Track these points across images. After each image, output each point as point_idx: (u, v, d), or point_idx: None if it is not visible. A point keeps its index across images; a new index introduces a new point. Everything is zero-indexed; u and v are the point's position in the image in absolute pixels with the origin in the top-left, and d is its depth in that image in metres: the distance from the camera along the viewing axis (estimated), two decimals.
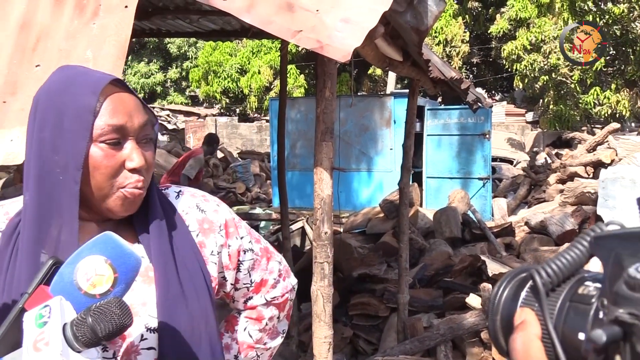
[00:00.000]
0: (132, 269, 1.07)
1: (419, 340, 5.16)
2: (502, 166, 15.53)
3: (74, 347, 0.98)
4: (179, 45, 31.96)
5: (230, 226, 1.43)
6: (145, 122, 1.25)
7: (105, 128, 1.21)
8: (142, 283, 1.26)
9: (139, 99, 1.28)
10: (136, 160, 1.23)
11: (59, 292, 1.04)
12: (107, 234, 1.09)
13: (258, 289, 1.52)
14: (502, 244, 7.60)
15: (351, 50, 2.37)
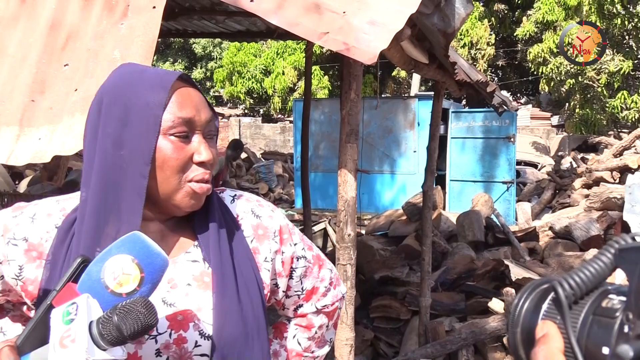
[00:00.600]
0: (159, 269, 1.07)
1: (441, 344, 5.13)
2: (527, 170, 15.40)
3: (100, 345, 0.99)
4: (204, 46, 32.13)
5: (285, 232, 1.41)
6: (211, 118, 1.26)
7: (175, 120, 1.20)
8: (197, 288, 1.25)
9: (202, 95, 1.28)
10: (204, 154, 1.23)
11: (86, 289, 1.04)
12: (135, 234, 1.09)
13: (309, 296, 1.50)
14: (525, 249, 7.53)
15: (377, 52, 2.36)
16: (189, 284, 1.26)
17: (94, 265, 1.06)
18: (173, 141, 1.21)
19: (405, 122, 12.18)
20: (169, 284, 1.25)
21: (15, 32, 2.66)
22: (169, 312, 1.23)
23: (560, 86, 18.11)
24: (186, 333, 1.22)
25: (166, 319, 1.22)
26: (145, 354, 1.19)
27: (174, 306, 1.23)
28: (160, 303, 1.22)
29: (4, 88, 2.52)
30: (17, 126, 2.42)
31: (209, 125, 1.26)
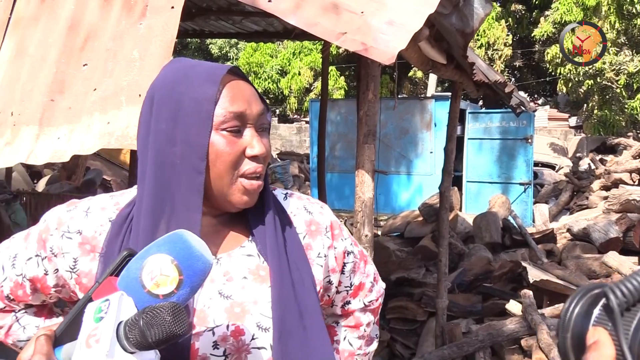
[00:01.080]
0: (199, 273, 1.01)
1: (458, 345, 5.10)
2: (544, 171, 15.30)
3: (126, 347, 0.95)
4: (221, 46, 32.23)
5: (335, 228, 1.41)
6: (262, 111, 1.25)
7: (226, 115, 1.20)
8: (253, 281, 1.25)
9: (254, 87, 1.27)
10: (257, 148, 1.22)
11: (124, 286, 1.01)
12: (179, 232, 1.04)
13: (356, 292, 1.51)
14: (543, 251, 7.48)
15: (396, 52, 2.35)
16: (245, 277, 1.26)
17: (134, 262, 1.02)
18: (225, 136, 1.20)
19: (422, 123, 12.15)
20: (224, 277, 1.25)
21: (35, 32, 2.67)
22: (226, 304, 1.22)
23: (579, 87, 17.98)
24: (243, 325, 1.21)
25: (224, 312, 1.22)
26: (202, 346, 1.19)
27: (230, 298, 1.23)
28: (217, 295, 1.23)
29: (24, 87, 2.54)
30: (36, 126, 2.43)
31: (261, 119, 1.25)
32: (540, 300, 5.68)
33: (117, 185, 10.24)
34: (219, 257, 1.27)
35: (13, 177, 8.79)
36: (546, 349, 4.53)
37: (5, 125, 2.48)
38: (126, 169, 10.53)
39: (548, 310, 5.36)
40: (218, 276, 1.25)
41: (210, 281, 1.23)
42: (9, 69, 2.61)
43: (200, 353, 1.18)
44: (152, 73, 2.37)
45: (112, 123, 2.30)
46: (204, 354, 1.18)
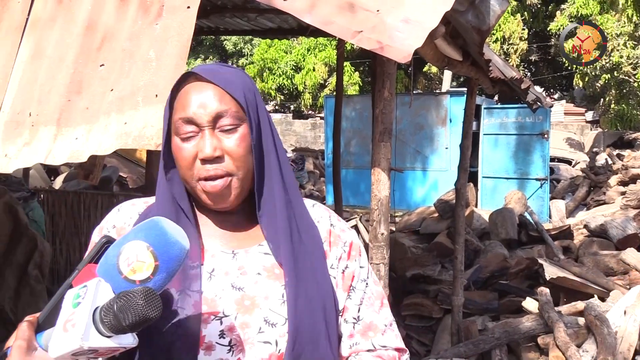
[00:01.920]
0: (175, 259, 1.05)
1: (474, 343, 5.09)
2: (560, 167, 15.18)
3: (102, 332, 0.99)
4: (235, 43, 32.27)
5: (354, 249, 1.40)
6: (220, 112, 1.24)
7: (177, 122, 1.26)
8: (266, 278, 1.28)
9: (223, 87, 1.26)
10: (204, 150, 1.23)
11: (103, 272, 1.04)
12: (155, 220, 1.08)
13: (366, 332, 1.36)
14: (559, 247, 7.42)
15: (412, 51, 2.34)
16: (259, 273, 1.29)
17: (112, 248, 1.06)
18: (177, 141, 1.27)
19: (437, 119, 12.11)
20: (239, 271, 1.29)
21: (53, 33, 2.69)
22: (237, 296, 1.26)
23: (595, 81, 17.84)
24: (251, 318, 1.24)
25: (234, 303, 1.25)
26: (209, 333, 1.22)
27: (242, 290, 1.26)
28: (229, 287, 1.26)
29: (42, 88, 2.56)
30: (54, 126, 2.45)
31: (220, 120, 1.25)
32: (557, 297, 5.65)
33: (133, 182, 10.30)
34: (235, 252, 1.31)
35: (30, 175, 8.87)
36: (563, 347, 4.51)
37: (24, 126, 2.50)
38: (142, 166, 10.59)
39: (565, 308, 5.33)
40: (233, 269, 1.29)
41: (224, 273, 1.28)
42: (27, 70, 2.63)
43: (207, 340, 1.22)
44: (168, 73, 2.38)
45: (129, 123, 2.31)
46: (210, 342, 1.22)
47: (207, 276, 1.27)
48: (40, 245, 6.07)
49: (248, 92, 1.29)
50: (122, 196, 7.86)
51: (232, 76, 1.29)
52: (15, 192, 6.53)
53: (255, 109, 1.29)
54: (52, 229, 7.39)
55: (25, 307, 5.72)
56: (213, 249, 1.31)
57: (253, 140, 1.27)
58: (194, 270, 1.26)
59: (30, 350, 1.03)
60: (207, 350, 1.21)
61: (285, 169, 1.33)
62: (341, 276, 1.37)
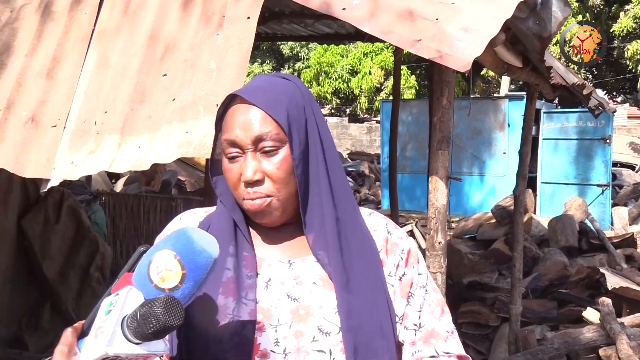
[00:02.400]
0: (201, 267, 1.07)
1: (532, 353, 4.99)
2: (623, 172, 14.76)
3: (130, 339, 1.01)
4: (292, 47, 32.48)
5: (412, 257, 1.41)
6: (261, 135, 1.25)
7: (223, 143, 1.30)
8: (322, 287, 1.30)
9: (265, 109, 1.27)
10: (244, 174, 1.26)
11: (137, 281, 1.08)
12: (183, 229, 1.11)
13: (427, 339, 1.36)
14: (622, 256, 7.22)
15: (471, 60, 2.32)
16: (314, 283, 1.31)
17: (144, 257, 1.09)
18: (225, 162, 1.31)
19: (495, 123, 11.94)
20: (295, 281, 1.31)
21: (117, 43, 2.77)
22: (292, 306, 1.28)
23: None
24: (305, 326, 1.26)
25: (289, 312, 1.27)
26: (263, 341, 1.25)
27: (297, 301, 1.29)
28: (284, 297, 1.29)
29: (107, 97, 2.63)
30: (118, 134, 2.52)
31: (261, 143, 1.26)
32: (620, 308, 5.50)
33: (191, 185, 10.47)
34: (292, 262, 1.33)
35: (93, 178, 9.11)
36: (626, 359, 4.39)
37: (89, 134, 2.58)
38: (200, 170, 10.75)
39: (628, 319, 5.19)
40: (288, 279, 1.31)
41: (280, 283, 1.30)
42: (93, 80, 2.71)
43: (262, 348, 1.24)
44: (228, 83, 2.41)
45: (190, 132, 2.36)
46: (265, 350, 1.24)
47: (263, 285, 1.30)
48: (102, 247, 6.24)
49: (294, 110, 1.29)
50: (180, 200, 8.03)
51: (276, 94, 1.29)
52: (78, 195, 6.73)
53: (303, 126, 1.30)
54: (113, 231, 7.59)
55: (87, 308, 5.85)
56: (270, 259, 1.33)
57: (295, 161, 1.27)
58: (250, 280, 1.29)
59: (70, 355, 1.07)
60: (262, 358, 1.24)
61: (336, 182, 1.33)
62: (398, 283, 1.37)
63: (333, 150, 1.35)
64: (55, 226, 5.81)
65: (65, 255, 5.87)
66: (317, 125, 1.33)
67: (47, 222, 5.73)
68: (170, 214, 7.65)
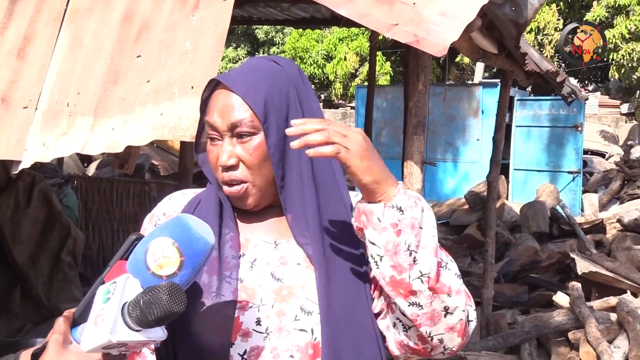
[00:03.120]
0: (199, 254, 1.07)
1: (503, 337, 5.07)
2: (593, 159, 14.95)
3: (131, 326, 1.02)
4: (267, 31, 32.27)
5: None
6: (239, 121, 1.26)
7: (205, 125, 1.32)
8: (305, 268, 1.30)
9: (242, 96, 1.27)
10: (220, 158, 1.28)
11: (132, 268, 1.08)
12: (180, 217, 1.12)
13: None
14: (592, 241, 7.34)
15: (448, 44, 2.32)
16: (299, 264, 1.31)
17: (140, 245, 1.09)
18: (209, 144, 1.32)
19: (469, 110, 12.00)
20: (279, 261, 1.32)
21: (90, 23, 2.72)
22: (275, 286, 1.29)
23: (632, 73, 17.51)
24: (287, 306, 1.27)
25: (272, 292, 1.28)
26: (246, 320, 1.26)
27: (280, 281, 1.30)
28: (269, 276, 1.30)
29: (80, 78, 2.59)
30: (91, 116, 2.48)
31: (238, 128, 1.27)
32: (589, 292, 5.59)
33: (165, 169, 10.39)
34: (277, 242, 1.34)
35: (64, 162, 8.99)
36: (594, 342, 4.47)
37: (62, 116, 2.54)
38: (173, 154, 10.67)
39: (597, 303, 5.28)
40: (274, 260, 1.32)
41: (265, 264, 1.31)
42: (66, 60, 2.67)
43: (244, 327, 1.26)
44: (204, 65, 2.39)
45: (165, 114, 2.33)
46: (247, 329, 1.25)
47: (248, 265, 1.31)
48: (74, 232, 6.17)
49: (275, 97, 1.29)
50: (153, 184, 7.96)
51: (258, 81, 1.29)
52: (49, 179, 6.64)
53: (283, 113, 1.29)
54: (85, 215, 7.50)
55: (58, 293, 5.83)
56: (256, 240, 1.34)
57: (270, 148, 1.27)
58: (235, 259, 1.30)
59: (65, 344, 1.07)
60: (244, 337, 1.25)
61: (320, 169, 1.33)
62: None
63: None
64: (26, 210, 5.72)
65: (36, 240, 5.79)
66: (302, 111, 1.33)
67: (18, 206, 5.65)
68: (144, 198, 7.59)
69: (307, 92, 1.37)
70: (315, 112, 1.35)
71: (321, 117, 1.35)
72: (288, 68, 1.35)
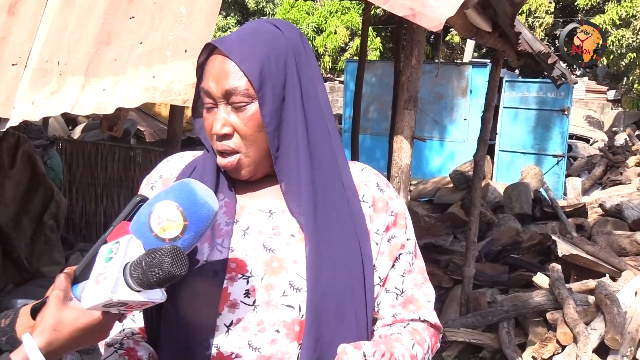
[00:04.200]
0: (203, 219, 1.08)
1: (482, 314, 5.12)
2: (578, 144, 15.04)
3: (132, 286, 1.03)
4: (257, 1, 31.95)
5: (401, 218, 1.38)
6: (233, 88, 1.22)
7: (201, 92, 1.28)
8: (299, 240, 1.27)
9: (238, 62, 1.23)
10: (214, 126, 1.25)
11: (135, 230, 1.09)
12: (185, 181, 1.12)
13: (406, 304, 1.36)
14: (573, 225, 7.40)
15: (444, 20, 2.32)
16: (292, 235, 1.28)
17: (145, 207, 1.10)
18: (205, 111, 1.29)
19: (458, 89, 12.01)
20: (272, 231, 1.29)
21: None
22: (266, 257, 1.26)
23: (620, 60, 17.57)
24: (276, 280, 1.25)
25: (262, 264, 1.26)
26: (234, 291, 1.24)
27: (272, 252, 1.27)
28: (260, 247, 1.27)
29: (71, 37, 2.55)
30: (82, 76, 2.45)
31: (232, 97, 1.24)
32: (568, 274, 5.65)
33: (151, 135, 10.32)
34: (272, 212, 1.31)
35: (50, 123, 8.91)
36: (572, 323, 4.53)
37: (52, 74, 2.51)
38: (160, 120, 10.59)
39: (575, 286, 5.34)
40: (267, 229, 1.29)
41: (258, 232, 1.28)
42: (57, 18, 2.63)
43: (231, 298, 1.23)
44: (198, 29, 2.37)
45: (157, 77, 2.31)
46: (235, 300, 1.23)
47: (240, 234, 1.28)
48: (57, 195, 6.13)
49: (272, 64, 1.24)
50: (139, 149, 7.91)
51: (255, 46, 1.24)
52: (34, 140, 6.57)
53: (280, 82, 1.25)
54: (69, 178, 7.45)
55: (40, 256, 5.81)
56: (251, 207, 1.31)
57: (265, 118, 1.24)
58: (228, 227, 1.27)
59: (66, 300, 1.08)
60: (231, 308, 1.23)
61: (316, 140, 1.29)
62: (387, 244, 1.35)
63: (317, 106, 1.30)
64: (10, 172, 5.67)
65: (19, 202, 5.75)
66: (300, 80, 1.28)
67: (1, 167, 5.60)
68: (128, 163, 7.56)
69: (309, 60, 1.31)
70: (314, 81, 1.31)
71: (320, 83, 1.33)
72: (288, 33, 1.29)
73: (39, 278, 5.57)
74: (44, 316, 1.06)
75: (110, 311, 1.06)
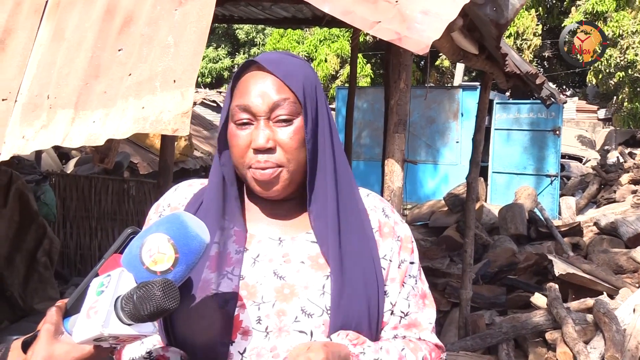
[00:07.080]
0: (194, 252, 1.08)
1: (481, 337, 5.09)
2: (571, 164, 15.13)
3: (123, 320, 1.02)
4: (247, 32, 32.20)
5: (408, 242, 1.40)
6: (276, 103, 1.25)
7: (234, 109, 1.27)
8: (309, 267, 1.29)
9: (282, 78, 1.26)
10: (256, 141, 1.25)
11: (127, 262, 1.08)
12: (177, 214, 1.12)
13: (409, 327, 1.37)
14: (569, 244, 7.41)
15: (430, 43, 2.33)
16: (303, 262, 1.29)
17: (136, 240, 1.10)
18: (233, 128, 1.28)
19: (449, 113, 12.08)
20: (283, 258, 1.30)
21: (72, 16, 2.69)
22: (277, 284, 1.27)
23: (609, 79, 17.73)
24: (288, 306, 1.25)
25: (274, 290, 1.26)
26: (246, 318, 1.24)
27: (283, 279, 1.27)
28: (271, 274, 1.28)
29: (61, 71, 2.56)
30: (72, 109, 2.45)
31: (275, 111, 1.25)
32: (566, 294, 5.65)
33: (144, 168, 10.33)
34: (282, 239, 1.32)
35: (42, 158, 8.90)
36: (571, 343, 4.51)
37: (42, 108, 2.51)
38: (153, 153, 10.60)
39: (574, 304, 5.33)
40: (277, 257, 1.30)
41: (268, 260, 1.29)
42: (47, 53, 2.64)
43: (244, 325, 1.24)
44: (186, 59, 2.38)
45: (146, 108, 2.31)
46: (247, 327, 1.24)
47: (251, 262, 1.29)
48: (50, 232, 6.11)
49: (308, 85, 1.29)
50: (132, 182, 7.91)
51: (294, 67, 1.29)
52: (27, 175, 6.56)
53: (314, 102, 1.29)
54: (63, 213, 7.44)
55: (33, 293, 5.77)
56: (260, 235, 1.33)
57: (307, 134, 1.27)
58: (238, 255, 1.28)
59: (57, 334, 1.07)
60: (243, 335, 1.23)
61: (339, 163, 1.32)
62: (397, 269, 1.36)
63: (336, 133, 1.35)
64: (2, 210, 5.65)
65: (11, 240, 5.72)
66: (326, 106, 1.34)
67: None
68: (122, 196, 7.55)
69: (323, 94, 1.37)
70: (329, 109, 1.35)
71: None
72: (309, 66, 1.37)
73: (34, 315, 5.53)
74: (35, 350, 1.05)
75: (101, 345, 1.06)
